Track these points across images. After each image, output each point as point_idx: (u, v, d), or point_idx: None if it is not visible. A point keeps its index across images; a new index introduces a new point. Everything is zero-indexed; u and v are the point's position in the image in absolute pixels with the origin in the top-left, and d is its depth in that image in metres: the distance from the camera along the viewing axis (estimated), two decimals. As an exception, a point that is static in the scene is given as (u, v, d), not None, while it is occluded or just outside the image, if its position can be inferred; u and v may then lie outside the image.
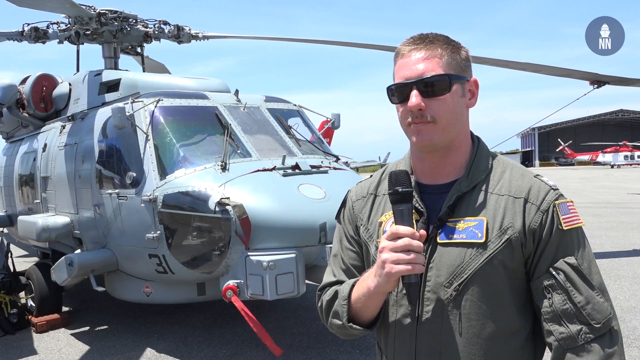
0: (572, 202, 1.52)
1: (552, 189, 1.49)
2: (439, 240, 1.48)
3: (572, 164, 74.87)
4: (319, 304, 1.70)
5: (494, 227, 1.45)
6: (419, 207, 1.51)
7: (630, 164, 65.88)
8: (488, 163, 1.55)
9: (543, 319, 1.44)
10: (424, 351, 1.50)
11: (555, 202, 1.46)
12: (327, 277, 1.73)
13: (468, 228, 1.46)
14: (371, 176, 1.77)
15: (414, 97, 1.45)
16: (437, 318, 1.48)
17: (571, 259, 1.43)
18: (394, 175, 1.49)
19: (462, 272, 1.45)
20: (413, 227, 1.42)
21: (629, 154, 66.73)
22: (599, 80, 8.40)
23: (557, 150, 75.17)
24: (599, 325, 1.39)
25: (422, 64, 1.46)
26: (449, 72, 1.46)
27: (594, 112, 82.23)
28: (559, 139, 72.38)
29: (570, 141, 71.47)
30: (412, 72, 1.47)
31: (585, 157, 72.10)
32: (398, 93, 1.51)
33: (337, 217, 1.79)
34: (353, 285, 1.57)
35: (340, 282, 1.66)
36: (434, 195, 1.54)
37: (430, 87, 1.45)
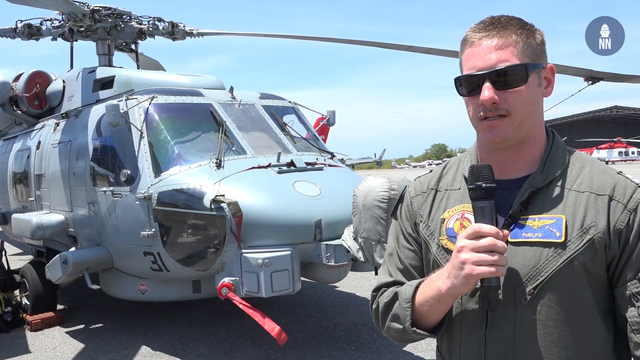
0: None
1: (639, 186, 1.36)
2: (510, 239, 1.35)
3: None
4: (374, 306, 1.57)
5: (574, 226, 1.32)
6: None
7: (625, 160, 66.19)
8: (565, 158, 1.43)
9: (631, 330, 1.31)
10: (495, 359, 1.38)
11: None
12: (383, 277, 1.60)
13: (544, 226, 1.33)
14: (430, 171, 1.65)
15: (487, 90, 1.33)
16: (509, 324, 1.36)
17: None
18: (476, 169, 1.37)
19: (538, 274, 1.32)
20: (495, 226, 1.31)
21: (623, 150, 67.07)
22: (593, 77, 8.40)
23: (552, 146, 75.31)
24: None
25: (495, 52, 1.34)
26: (525, 61, 1.34)
27: (589, 109, 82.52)
28: (553, 136, 72.53)
29: (565, 137, 70.74)
30: (485, 62, 1.34)
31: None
32: (467, 84, 1.39)
33: (394, 213, 1.66)
34: (417, 287, 1.44)
35: (397, 283, 1.54)
36: (504, 191, 1.40)
37: (505, 78, 1.33)
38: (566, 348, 1.33)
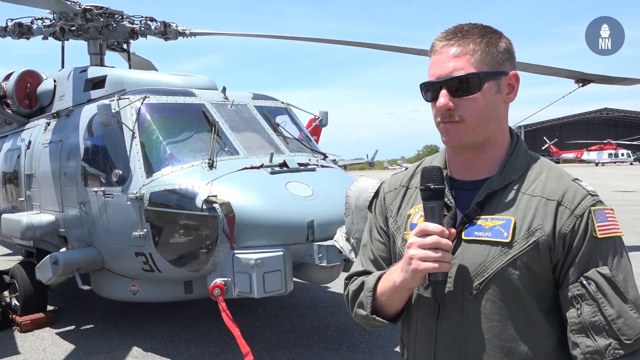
0: (611, 210, 1.43)
1: (590, 194, 1.41)
2: (463, 237, 1.44)
3: (558, 162, 75.31)
4: (346, 293, 1.69)
5: (521, 228, 1.39)
6: (448, 202, 1.48)
7: (615, 162, 66.81)
8: (524, 162, 1.49)
9: (570, 330, 1.37)
10: (444, 349, 1.47)
11: (592, 207, 1.38)
12: (356, 267, 1.72)
13: (495, 227, 1.41)
14: (406, 169, 1.74)
15: (442, 97, 1.42)
16: (457, 316, 1.44)
17: (604, 269, 1.34)
18: (426, 171, 1.46)
19: (485, 271, 1.40)
20: (443, 225, 1.40)
21: (613, 151, 67.68)
22: (584, 79, 8.48)
23: (542, 148, 75.86)
24: (629, 342, 1.31)
25: (452, 61, 1.42)
26: (481, 69, 1.41)
27: (579, 111, 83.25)
28: (544, 137, 73.10)
29: (556, 139, 72.22)
30: (442, 70, 1.43)
31: (571, 155, 72.95)
32: (430, 91, 1.47)
33: (369, 207, 1.77)
34: (380, 278, 1.55)
35: (367, 273, 1.65)
36: (465, 191, 1.50)
37: (459, 86, 1.41)
38: (508, 341, 1.40)
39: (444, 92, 1.42)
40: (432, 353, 1.49)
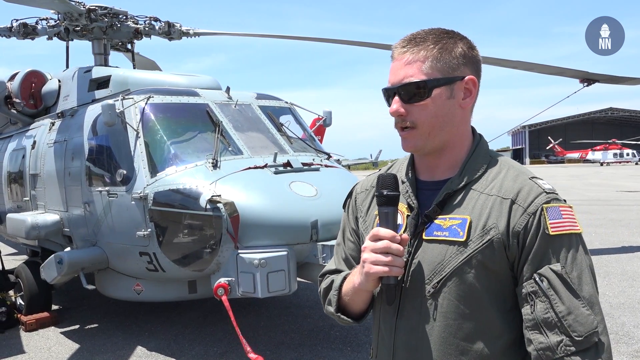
0: (569, 207, 1.43)
1: (545, 192, 1.42)
2: (424, 237, 1.48)
3: (562, 162, 75.45)
4: (319, 290, 1.75)
5: (477, 227, 1.42)
6: (411, 203, 1.52)
7: (620, 162, 66.54)
8: (484, 162, 1.52)
9: (525, 327, 1.39)
10: (401, 346, 1.51)
11: (545, 205, 1.39)
12: (329, 265, 1.77)
13: (452, 226, 1.45)
14: (379, 170, 1.76)
15: (394, 104, 1.47)
16: (415, 314, 1.48)
17: (557, 266, 1.36)
18: (381, 177, 1.49)
19: (442, 270, 1.43)
20: (396, 230, 1.43)
21: (618, 151, 67.42)
22: (589, 79, 8.46)
23: (547, 148, 75.73)
24: (580, 338, 1.32)
25: (404, 69, 1.46)
26: (432, 76, 1.44)
27: (584, 110, 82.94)
28: (549, 137, 72.89)
29: (561, 139, 71.98)
30: (395, 78, 1.48)
31: (575, 154, 72.72)
32: (386, 97, 1.52)
33: (344, 207, 1.81)
34: (345, 277, 1.61)
35: (339, 271, 1.71)
36: (429, 192, 1.53)
37: (408, 92, 1.45)
38: (464, 339, 1.43)
39: (396, 98, 1.47)
40: (391, 350, 1.53)
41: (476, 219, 1.43)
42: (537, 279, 1.37)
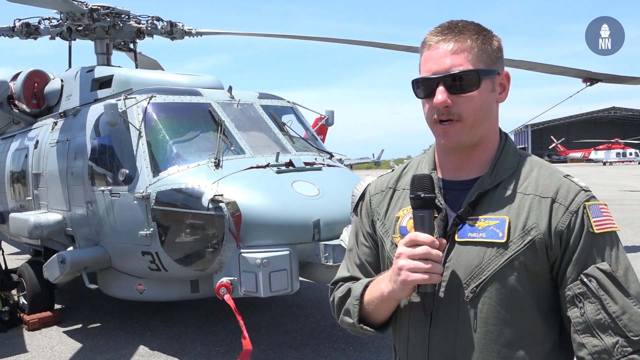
0: (605, 205, 1.40)
1: (584, 189, 1.38)
2: (457, 239, 1.40)
3: (565, 161, 75.25)
4: (331, 299, 1.64)
5: (516, 227, 1.35)
6: (438, 204, 1.44)
7: (622, 161, 66.39)
8: (515, 161, 1.46)
9: (574, 331, 1.32)
10: (437, 356, 1.42)
11: (586, 203, 1.35)
12: (341, 272, 1.67)
13: (489, 227, 1.37)
14: (392, 170, 1.70)
15: (440, 94, 1.37)
16: (451, 321, 1.40)
17: (604, 265, 1.31)
18: (417, 179, 1.41)
19: (481, 273, 1.36)
20: (434, 235, 1.36)
21: (621, 151, 67.27)
22: (592, 78, 8.44)
23: (550, 147, 75.54)
24: (637, 338, 1.26)
25: (450, 57, 1.37)
26: (478, 67, 1.38)
27: (587, 110, 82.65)
28: (551, 136, 72.74)
29: (563, 138, 71.86)
30: (439, 66, 1.38)
31: (578, 154, 72.58)
32: (424, 87, 1.42)
33: (355, 210, 1.72)
34: (367, 286, 1.51)
35: (354, 278, 1.61)
36: (456, 192, 1.46)
37: (457, 82, 1.37)
38: (505, 346, 1.36)
39: (441, 88, 1.37)
40: None
41: (514, 219, 1.36)
42: (584, 279, 1.31)
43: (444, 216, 1.43)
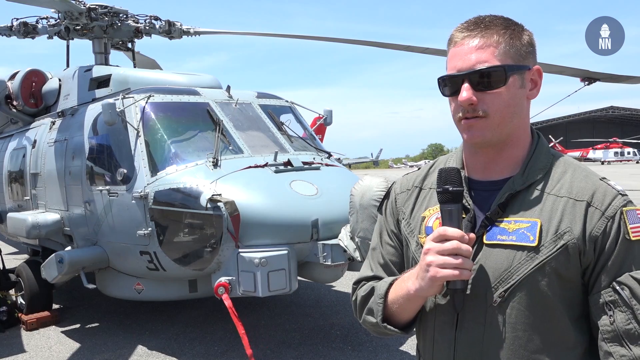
0: None
1: (620, 194, 1.33)
2: (485, 241, 1.35)
3: (564, 161, 75.24)
4: (354, 298, 1.60)
5: (548, 231, 1.30)
6: (466, 204, 1.39)
7: (621, 161, 66.49)
8: (547, 161, 1.41)
9: (602, 338, 1.29)
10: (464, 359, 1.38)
11: (624, 208, 1.30)
12: (364, 271, 1.63)
13: (519, 230, 1.32)
14: (419, 168, 1.65)
15: (465, 91, 1.33)
16: (478, 326, 1.35)
17: (638, 274, 1.26)
18: (444, 172, 1.37)
19: (510, 277, 1.31)
20: (462, 229, 1.31)
21: (619, 150, 67.36)
22: (589, 77, 8.43)
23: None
24: None
25: (475, 53, 1.33)
26: (505, 62, 1.33)
27: (585, 109, 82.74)
28: (550, 136, 72.72)
29: (561, 138, 71.76)
30: (464, 63, 1.34)
31: (576, 153, 72.58)
32: (449, 85, 1.38)
33: (379, 209, 1.68)
34: (391, 284, 1.47)
35: (377, 278, 1.57)
36: (484, 192, 1.41)
37: (483, 79, 1.32)
38: (534, 352, 1.32)
39: (466, 85, 1.33)
40: None
41: (546, 222, 1.31)
42: (617, 287, 1.27)
43: (472, 217, 1.39)
